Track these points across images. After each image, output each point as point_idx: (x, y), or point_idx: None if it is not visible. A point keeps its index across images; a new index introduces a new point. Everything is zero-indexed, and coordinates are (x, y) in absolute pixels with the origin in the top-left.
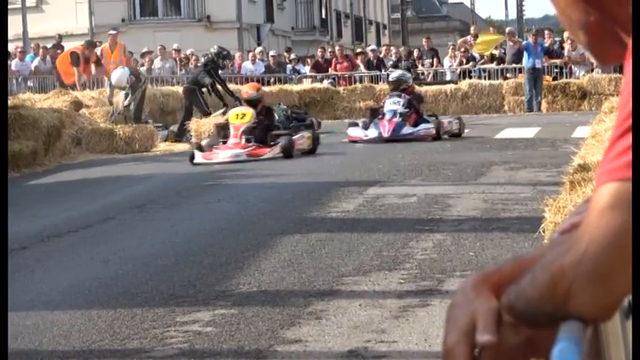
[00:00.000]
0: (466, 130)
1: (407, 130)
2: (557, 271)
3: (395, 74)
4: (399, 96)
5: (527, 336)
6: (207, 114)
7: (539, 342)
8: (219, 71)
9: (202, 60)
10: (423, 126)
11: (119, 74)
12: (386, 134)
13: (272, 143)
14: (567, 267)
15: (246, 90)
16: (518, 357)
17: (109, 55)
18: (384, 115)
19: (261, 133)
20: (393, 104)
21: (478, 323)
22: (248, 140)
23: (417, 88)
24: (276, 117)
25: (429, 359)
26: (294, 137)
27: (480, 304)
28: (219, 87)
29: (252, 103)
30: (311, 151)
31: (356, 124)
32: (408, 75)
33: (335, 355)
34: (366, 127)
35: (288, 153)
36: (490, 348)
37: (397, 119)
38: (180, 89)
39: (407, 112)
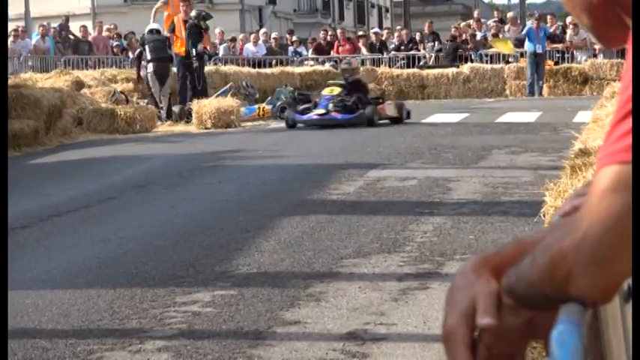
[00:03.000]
0: (466, 115)
1: None
2: (557, 254)
3: None
4: None
5: (526, 318)
6: (194, 90)
7: (539, 324)
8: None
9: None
10: None
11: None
12: None
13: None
14: (567, 250)
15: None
16: (518, 339)
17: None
18: None
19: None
20: None
21: (478, 306)
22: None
23: None
24: (283, 98)
25: (428, 342)
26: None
27: (480, 287)
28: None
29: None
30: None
31: None
32: None
33: (334, 336)
34: None
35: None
36: (490, 330)
37: None
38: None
39: None
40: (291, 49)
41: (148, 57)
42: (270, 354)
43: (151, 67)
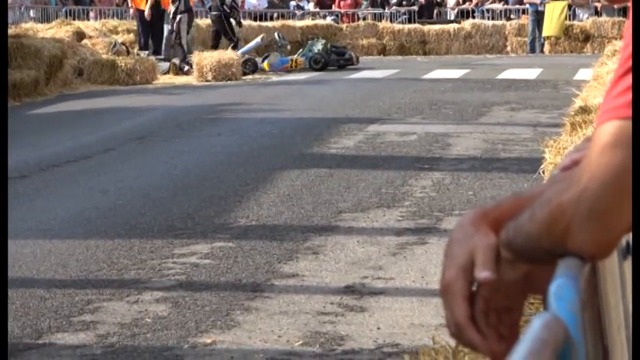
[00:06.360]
0: (467, 71)
1: None
2: (556, 208)
3: None
4: None
5: (524, 272)
6: (234, 43)
7: (537, 278)
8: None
9: None
10: None
11: None
12: None
13: None
14: (566, 204)
15: None
16: (516, 293)
17: None
18: None
19: None
20: None
21: (477, 259)
22: None
23: None
24: (315, 50)
25: (426, 296)
26: None
27: (478, 240)
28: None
29: None
30: None
31: None
32: None
33: (332, 290)
34: None
35: None
36: (488, 284)
37: None
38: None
39: None
40: (292, 2)
41: (182, 8)
42: (268, 306)
43: (186, 17)
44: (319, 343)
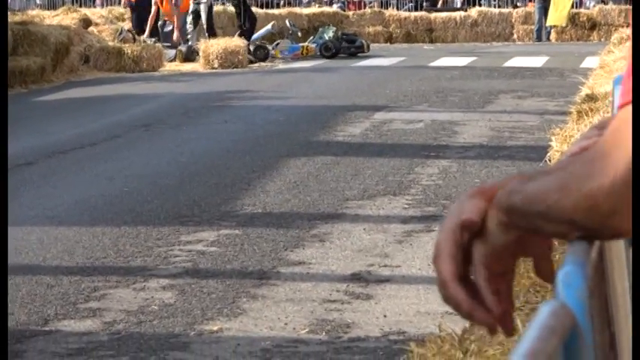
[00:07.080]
0: (474, 59)
1: None
2: (597, 189)
3: None
4: None
5: (516, 236)
6: (240, 29)
7: (528, 242)
8: None
9: None
10: None
11: None
12: None
13: None
14: (609, 186)
15: None
16: (508, 256)
17: None
18: None
19: None
20: None
21: (463, 214)
22: None
23: None
24: (326, 37)
25: (432, 284)
26: None
27: (468, 204)
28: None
29: None
30: None
31: None
32: None
33: (338, 278)
34: None
35: None
36: (481, 248)
37: None
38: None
39: None
40: None
41: None
42: (274, 294)
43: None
44: (325, 330)
